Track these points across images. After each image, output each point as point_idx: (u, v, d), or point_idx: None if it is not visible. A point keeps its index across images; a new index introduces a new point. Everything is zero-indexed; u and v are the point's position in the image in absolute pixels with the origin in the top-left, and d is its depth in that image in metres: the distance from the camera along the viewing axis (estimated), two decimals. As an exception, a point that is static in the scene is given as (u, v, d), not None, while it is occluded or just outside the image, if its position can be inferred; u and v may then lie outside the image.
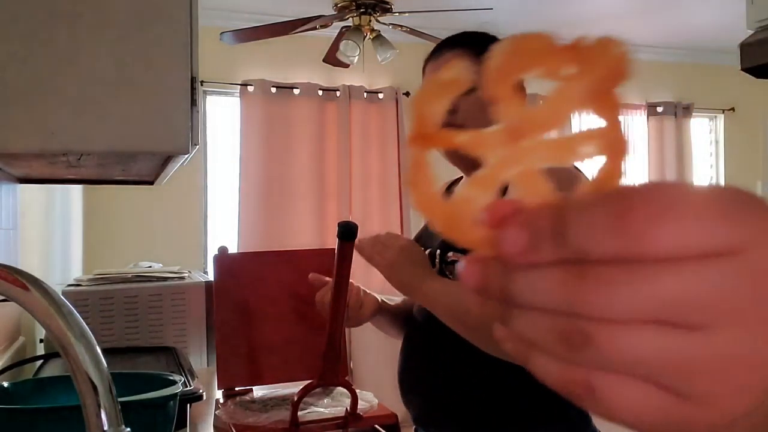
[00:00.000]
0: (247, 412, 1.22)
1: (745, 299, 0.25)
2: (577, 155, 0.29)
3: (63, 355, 0.59)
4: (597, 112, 0.29)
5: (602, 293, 0.25)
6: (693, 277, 0.25)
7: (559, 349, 0.27)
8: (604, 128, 0.29)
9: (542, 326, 0.27)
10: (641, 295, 0.25)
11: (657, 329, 0.25)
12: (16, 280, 0.61)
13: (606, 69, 0.29)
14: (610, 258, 0.25)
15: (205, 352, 1.82)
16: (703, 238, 0.25)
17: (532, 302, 0.27)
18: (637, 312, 0.25)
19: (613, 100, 0.29)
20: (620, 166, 0.29)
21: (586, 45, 0.29)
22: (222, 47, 3.86)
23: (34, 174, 1.57)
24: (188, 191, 4.56)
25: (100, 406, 0.58)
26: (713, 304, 0.25)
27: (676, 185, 0.26)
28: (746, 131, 5.86)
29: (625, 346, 0.26)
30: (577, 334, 0.26)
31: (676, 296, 0.25)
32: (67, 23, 0.94)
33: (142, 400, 0.90)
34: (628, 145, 0.29)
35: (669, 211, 0.25)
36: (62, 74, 0.93)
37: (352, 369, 4.50)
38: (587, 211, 0.26)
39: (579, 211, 0.26)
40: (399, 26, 3.75)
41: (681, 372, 0.26)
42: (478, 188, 0.30)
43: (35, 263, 1.98)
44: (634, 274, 0.25)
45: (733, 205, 0.26)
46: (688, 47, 5.53)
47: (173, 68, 0.97)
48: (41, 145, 0.95)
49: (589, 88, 0.29)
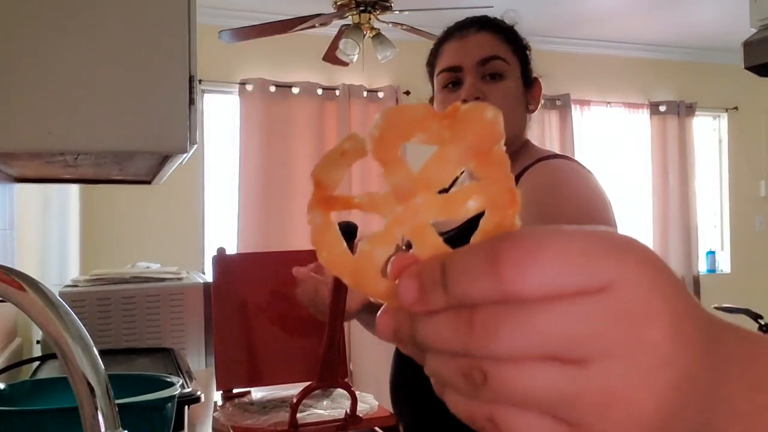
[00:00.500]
0: (245, 414, 1.21)
1: (614, 334, 0.27)
2: (463, 210, 0.32)
3: (60, 356, 0.59)
4: (479, 169, 0.32)
5: (488, 335, 0.27)
6: (565, 314, 0.27)
7: (464, 387, 0.29)
8: (486, 183, 0.32)
9: (447, 367, 0.29)
10: (522, 333, 0.27)
11: (543, 365, 0.27)
12: (12, 281, 0.60)
13: (477, 131, 0.31)
14: (490, 301, 0.27)
15: (204, 353, 1.81)
16: (572, 277, 0.27)
17: (435, 346, 0.30)
18: (523, 349, 0.27)
19: (495, 156, 0.31)
20: (508, 218, 0.31)
21: (461, 112, 0.31)
22: (220, 45, 3.85)
23: (30, 173, 1.56)
24: (186, 191, 4.55)
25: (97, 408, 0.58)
26: (586, 339, 0.27)
27: (548, 229, 0.28)
28: (749, 130, 5.86)
29: (516, 383, 0.27)
30: (476, 373, 0.28)
31: (553, 333, 0.27)
32: (64, 22, 0.93)
33: (140, 402, 0.89)
34: (516, 197, 0.31)
35: (538, 253, 0.27)
36: (59, 73, 0.93)
37: (352, 371, 4.49)
38: (462, 258, 0.29)
39: (456, 259, 0.29)
40: (399, 24, 3.75)
41: (569, 405, 0.27)
42: (378, 244, 0.32)
43: (32, 264, 1.97)
44: (511, 315, 0.27)
45: (601, 246, 0.28)
46: (691, 46, 5.53)
47: (171, 67, 0.96)
48: (38, 145, 0.94)
49: (465, 149, 0.31)
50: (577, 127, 5.41)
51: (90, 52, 0.94)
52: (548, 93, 5.29)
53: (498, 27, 1.20)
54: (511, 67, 1.17)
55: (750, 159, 5.87)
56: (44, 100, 0.92)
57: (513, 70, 1.18)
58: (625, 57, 5.52)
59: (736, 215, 5.87)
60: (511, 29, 1.22)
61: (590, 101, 5.47)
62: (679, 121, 5.61)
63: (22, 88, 0.92)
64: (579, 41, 5.31)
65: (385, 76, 4.92)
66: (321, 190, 0.34)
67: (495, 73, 1.16)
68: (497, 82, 1.16)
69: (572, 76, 5.40)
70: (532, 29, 1.28)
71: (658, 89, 5.66)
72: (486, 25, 1.20)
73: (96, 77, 0.94)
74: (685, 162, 5.60)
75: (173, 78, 0.96)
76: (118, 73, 0.94)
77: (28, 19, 0.92)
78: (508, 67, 1.17)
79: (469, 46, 1.18)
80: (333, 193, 0.34)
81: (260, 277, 1.31)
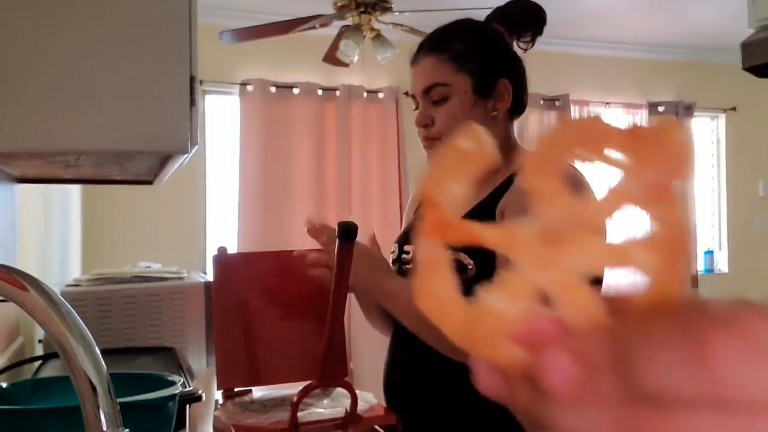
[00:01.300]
0: (246, 413, 1.21)
1: None
2: (629, 262, 0.24)
3: (62, 355, 0.59)
4: (652, 210, 0.24)
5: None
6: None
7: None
8: (661, 232, 0.24)
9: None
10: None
11: None
12: (14, 281, 0.60)
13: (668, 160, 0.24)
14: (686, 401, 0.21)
15: (205, 352, 1.82)
16: None
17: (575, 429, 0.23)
18: None
19: (672, 195, 0.24)
20: (679, 274, 0.24)
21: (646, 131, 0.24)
22: (221, 46, 3.85)
23: (32, 174, 1.57)
24: (187, 191, 4.56)
25: (99, 406, 0.58)
26: None
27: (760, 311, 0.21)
28: (748, 131, 5.86)
29: None
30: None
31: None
32: (66, 23, 0.94)
33: (141, 400, 0.90)
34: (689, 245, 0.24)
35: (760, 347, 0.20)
36: (60, 73, 0.93)
37: (352, 370, 4.50)
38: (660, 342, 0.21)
39: (649, 342, 0.22)
40: (399, 25, 3.75)
41: None
42: (506, 296, 0.24)
43: (34, 263, 1.97)
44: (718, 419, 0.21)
45: None
46: (689, 46, 5.53)
47: (172, 67, 0.96)
48: (39, 145, 0.95)
49: (649, 183, 0.24)
50: (577, 127, 5.41)
51: (91, 52, 0.94)
52: (547, 93, 5.30)
53: (443, 47, 1.23)
54: (454, 87, 1.21)
55: (748, 159, 5.87)
56: (45, 101, 0.93)
57: (456, 89, 1.21)
58: (624, 57, 5.53)
59: (735, 215, 5.87)
60: (465, 41, 1.24)
61: (589, 101, 5.47)
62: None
63: (23, 88, 0.92)
64: (578, 41, 5.31)
65: (385, 77, 4.92)
66: (435, 211, 0.25)
67: (438, 99, 1.22)
68: (442, 105, 1.22)
69: (571, 76, 5.40)
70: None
71: (656, 90, 5.66)
72: (432, 48, 1.24)
73: (97, 78, 0.94)
74: (685, 162, 5.59)
75: (174, 79, 0.96)
76: (120, 74, 0.95)
77: (29, 20, 0.93)
78: (450, 89, 1.21)
79: (417, 74, 1.25)
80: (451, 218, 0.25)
81: (261, 277, 1.31)
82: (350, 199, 4.83)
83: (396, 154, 4.93)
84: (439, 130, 1.23)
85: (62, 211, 2.81)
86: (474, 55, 1.23)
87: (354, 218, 5.27)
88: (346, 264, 1.06)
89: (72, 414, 0.73)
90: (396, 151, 4.93)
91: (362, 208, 4.80)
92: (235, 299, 1.30)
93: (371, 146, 4.91)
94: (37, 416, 0.86)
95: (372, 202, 4.87)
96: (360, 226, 1.09)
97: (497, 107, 1.23)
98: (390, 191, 4.90)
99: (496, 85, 1.23)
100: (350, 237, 1.05)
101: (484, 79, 1.23)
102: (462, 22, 1.29)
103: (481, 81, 1.22)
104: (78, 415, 0.59)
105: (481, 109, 1.23)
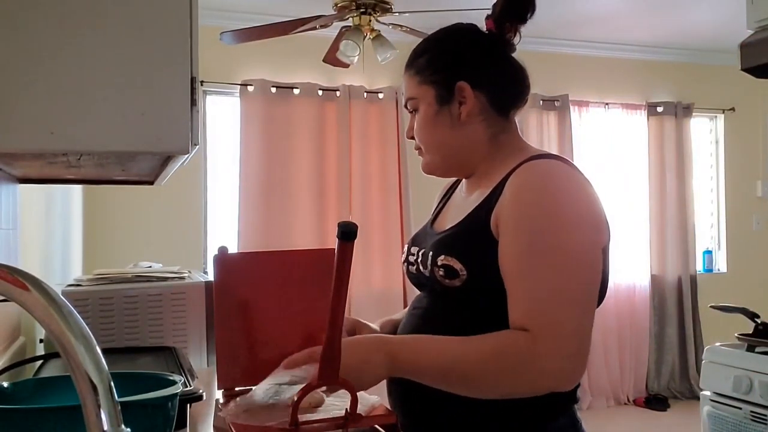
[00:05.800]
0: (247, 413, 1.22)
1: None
2: None
3: (63, 355, 0.59)
4: None
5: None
6: None
7: None
8: None
9: None
10: None
11: None
12: (16, 280, 0.60)
13: None
14: None
15: (205, 352, 1.82)
16: None
17: None
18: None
19: None
20: None
21: None
22: (222, 47, 3.86)
23: (33, 174, 1.57)
24: (188, 191, 4.56)
25: (99, 406, 0.58)
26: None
27: None
28: (746, 131, 5.87)
29: None
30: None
31: None
32: (67, 23, 0.94)
33: (142, 400, 0.90)
34: None
35: None
36: (62, 74, 0.93)
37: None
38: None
39: None
40: (399, 26, 3.75)
41: None
42: None
43: (35, 263, 1.98)
44: None
45: None
46: (688, 47, 5.53)
47: (173, 68, 0.97)
48: (41, 145, 0.95)
49: None
50: (576, 128, 5.42)
51: (93, 54, 0.94)
52: (547, 94, 5.30)
53: (411, 63, 1.33)
54: (420, 99, 1.29)
55: (747, 159, 5.87)
56: (47, 101, 0.93)
57: (422, 100, 1.29)
58: (623, 58, 5.53)
59: (733, 215, 5.88)
60: (428, 54, 1.30)
61: (588, 102, 5.48)
62: (677, 122, 5.61)
63: (24, 88, 0.93)
64: (577, 43, 5.32)
65: (386, 78, 4.92)
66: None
67: (412, 111, 1.32)
68: (415, 115, 1.32)
69: (570, 77, 5.41)
70: (530, 31, 1.29)
71: (655, 90, 5.67)
72: (406, 65, 1.34)
73: (98, 78, 0.94)
74: (683, 162, 5.60)
75: (175, 79, 0.97)
76: (121, 75, 0.95)
77: (30, 21, 0.93)
78: (417, 101, 1.30)
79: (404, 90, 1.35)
80: None
81: (261, 276, 1.31)
82: (350, 199, 4.83)
83: (396, 154, 4.93)
84: (417, 140, 1.32)
85: (64, 211, 2.82)
86: (434, 66, 1.28)
87: (354, 218, 5.26)
88: (346, 264, 1.06)
89: (73, 413, 0.73)
90: (396, 151, 4.93)
91: (362, 208, 4.81)
92: (236, 299, 1.30)
93: (371, 146, 4.91)
94: (38, 416, 0.86)
95: (372, 202, 4.87)
96: (360, 226, 1.10)
97: (461, 110, 1.25)
98: (390, 191, 4.90)
99: (454, 90, 1.25)
100: (350, 237, 1.05)
101: (445, 86, 1.26)
102: (434, 36, 1.34)
103: (441, 89, 1.26)
104: (79, 415, 0.59)
105: (446, 115, 1.26)
